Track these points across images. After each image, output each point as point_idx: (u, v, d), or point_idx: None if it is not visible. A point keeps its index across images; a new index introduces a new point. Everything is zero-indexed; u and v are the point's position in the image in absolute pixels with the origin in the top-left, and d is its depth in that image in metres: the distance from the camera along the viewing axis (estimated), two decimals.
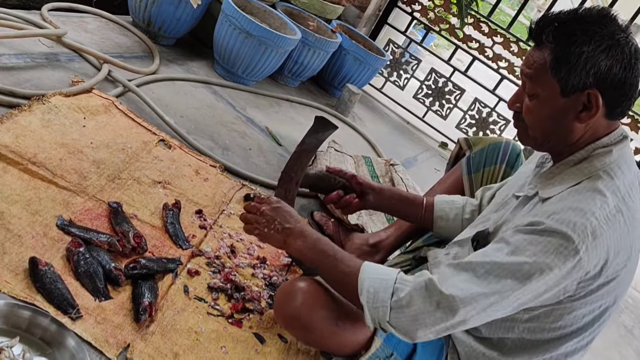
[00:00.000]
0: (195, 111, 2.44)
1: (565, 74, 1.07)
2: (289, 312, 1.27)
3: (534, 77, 1.12)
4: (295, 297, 1.26)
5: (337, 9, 3.55)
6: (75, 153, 1.73)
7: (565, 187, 1.11)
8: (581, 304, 1.12)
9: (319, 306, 1.25)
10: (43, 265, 1.29)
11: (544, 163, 1.27)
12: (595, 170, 1.10)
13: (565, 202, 1.07)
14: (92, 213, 1.57)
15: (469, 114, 3.89)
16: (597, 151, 1.12)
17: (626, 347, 2.75)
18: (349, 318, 1.26)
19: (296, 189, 1.51)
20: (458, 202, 1.59)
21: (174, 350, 1.31)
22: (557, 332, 1.16)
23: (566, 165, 1.16)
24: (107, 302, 1.33)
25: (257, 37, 2.69)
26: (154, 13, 2.69)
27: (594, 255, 1.04)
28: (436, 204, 1.59)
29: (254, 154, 2.39)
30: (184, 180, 1.93)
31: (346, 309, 1.26)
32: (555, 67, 1.08)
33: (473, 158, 1.75)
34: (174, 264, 1.53)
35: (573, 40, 1.06)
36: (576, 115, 1.10)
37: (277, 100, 3.05)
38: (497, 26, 3.74)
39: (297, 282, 1.30)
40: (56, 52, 2.22)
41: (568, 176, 1.13)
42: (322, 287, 1.28)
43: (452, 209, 1.57)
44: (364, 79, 3.57)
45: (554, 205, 1.08)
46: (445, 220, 1.57)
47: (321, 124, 1.44)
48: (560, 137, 1.14)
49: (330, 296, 1.27)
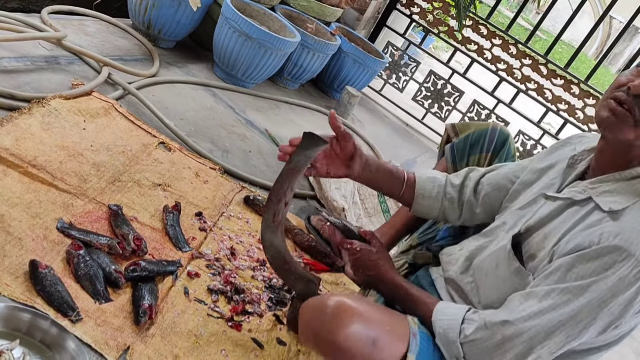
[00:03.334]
0: (195, 114, 2.44)
1: None
2: (318, 329, 1.12)
3: None
4: (324, 311, 1.11)
5: (336, 12, 3.55)
6: (75, 156, 1.73)
7: (630, 199, 1.06)
8: (631, 321, 1.09)
9: (355, 322, 1.09)
10: (43, 267, 1.29)
11: (574, 164, 1.23)
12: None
13: (635, 219, 1.03)
14: (92, 215, 1.57)
15: (467, 115, 3.89)
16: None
17: (625, 348, 2.75)
18: (387, 337, 1.12)
19: (286, 211, 1.42)
20: (440, 179, 1.50)
21: (174, 352, 1.32)
22: (592, 345, 1.12)
23: (625, 177, 1.10)
24: (107, 304, 1.33)
25: (256, 40, 2.70)
26: (154, 16, 2.70)
27: None
28: (418, 181, 1.49)
29: (254, 157, 2.40)
30: (184, 182, 1.93)
31: (383, 326, 1.13)
32: None
33: (457, 145, 1.67)
34: (174, 266, 1.53)
35: None
36: None
37: (276, 103, 3.06)
38: (496, 28, 3.74)
39: (325, 297, 1.16)
40: (56, 55, 2.22)
41: (630, 188, 1.08)
42: (354, 301, 1.13)
43: (434, 187, 1.48)
44: (363, 81, 3.57)
45: (622, 223, 1.03)
46: (427, 198, 1.48)
47: (310, 140, 1.31)
48: None
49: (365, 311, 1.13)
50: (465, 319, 1.14)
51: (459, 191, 1.47)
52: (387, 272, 1.36)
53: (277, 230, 1.39)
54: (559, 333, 1.03)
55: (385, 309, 1.23)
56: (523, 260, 1.18)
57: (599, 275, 1.00)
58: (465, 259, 1.33)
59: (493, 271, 1.23)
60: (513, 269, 1.18)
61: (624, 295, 1.00)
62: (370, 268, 1.37)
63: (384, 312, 1.19)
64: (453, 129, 1.74)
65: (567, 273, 1.04)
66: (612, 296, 1.00)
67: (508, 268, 1.19)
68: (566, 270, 1.04)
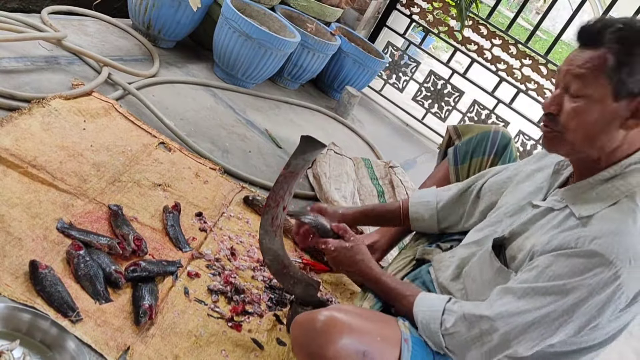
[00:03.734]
0: (195, 114, 2.44)
1: (624, 77, 1.04)
2: (308, 345, 1.12)
3: (585, 77, 1.07)
4: (314, 327, 1.12)
5: (336, 12, 3.55)
6: (75, 156, 1.73)
7: (602, 205, 1.09)
8: (610, 323, 1.10)
9: (344, 336, 1.10)
10: (43, 268, 1.29)
11: (560, 170, 1.25)
12: (632, 188, 1.08)
13: (607, 224, 1.05)
14: (93, 216, 1.57)
15: (468, 115, 3.90)
16: (630, 167, 1.10)
17: (625, 347, 2.75)
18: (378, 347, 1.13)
19: (284, 215, 1.43)
20: (431, 201, 1.60)
21: (174, 352, 1.32)
22: (580, 345, 1.14)
23: (597, 181, 1.12)
24: (107, 304, 1.33)
25: (256, 40, 2.70)
26: (154, 16, 2.70)
27: (633, 281, 1.03)
28: (410, 206, 1.62)
29: (254, 157, 2.40)
30: (184, 182, 1.93)
31: (374, 337, 1.14)
32: (614, 69, 1.04)
33: (460, 148, 1.71)
34: (174, 267, 1.53)
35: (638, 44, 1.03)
36: (623, 122, 1.07)
37: (276, 103, 3.06)
38: (496, 28, 3.74)
39: (314, 313, 1.16)
40: (56, 55, 2.22)
41: (604, 193, 1.10)
42: (343, 315, 1.14)
43: (426, 210, 1.60)
44: (363, 81, 3.57)
45: (595, 228, 1.06)
46: (421, 221, 1.61)
47: (308, 143, 1.31)
48: (600, 144, 1.10)
49: (355, 324, 1.13)
50: (446, 310, 1.18)
51: (455, 202, 1.56)
52: (366, 267, 1.42)
53: (275, 234, 1.40)
54: (533, 331, 1.07)
55: (376, 317, 1.25)
56: (507, 263, 1.22)
57: (575, 277, 1.04)
58: (456, 266, 1.37)
59: (479, 276, 1.27)
60: (495, 270, 1.22)
61: (600, 296, 1.03)
62: (349, 265, 1.44)
63: (375, 321, 1.20)
64: (455, 130, 1.77)
65: (546, 270, 1.08)
66: (587, 298, 1.03)
67: (491, 269, 1.23)
68: (545, 268, 1.08)
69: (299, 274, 1.42)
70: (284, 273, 1.41)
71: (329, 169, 2.38)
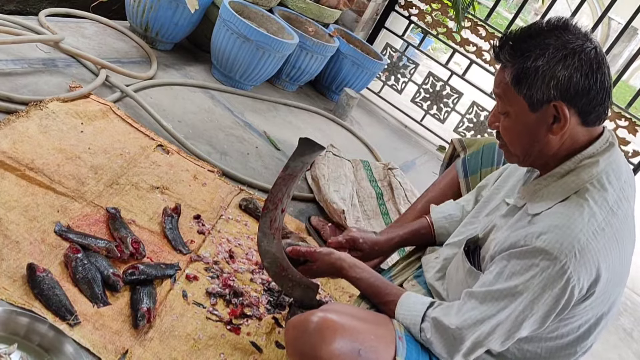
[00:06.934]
0: (193, 116, 2.44)
1: (527, 90, 1.09)
2: (302, 347, 1.12)
3: (502, 96, 1.14)
4: (307, 329, 1.12)
5: (335, 13, 3.55)
6: (73, 159, 1.73)
7: (553, 202, 1.12)
8: (575, 316, 1.13)
9: (338, 337, 1.10)
10: (41, 271, 1.29)
11: (531, 169, 1.27)
12: (583, 184, 1.11)
13: (553, 220, 1.08)
14: (90, 219, 1.57)
15: (466, 117, 3.90)
16: (583, 162, 1.12)
17: (626, 350, 2.75)
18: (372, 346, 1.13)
19: (283, 217, 1.42)
20: (456, 215, 1.59)
21: (173, 356, 1.31)
22: (554, 341, 1.17)
23: (553, 177, 1.15)
24: (105, 308, 1.33)
25: (254, 42, 2.70)
26: (152, 18, 2.69)
27: (583, 272, 1.05)
28: (435, 222, 1.60)
29: (252, 159, 2.39)
30: (182, 185, 1.93)
31: (368, 336, 1.14)
32: (516, 85, 1.10)
33: (469, 160, 1.75)
34: (173, 270, 1.52)
35: (527, 56, 1.07)
36: (549, 127, 1.11)
37: (275, 105, 3.05)
38: (495, 29, 3.75)
39: (308, 315, 1.16)
40: (54, 57, 2.22)
41: (555, 189, 1.13)
42: (336, 315, 1.15)
43: (451, 224, 1.58)
44: (361, 82, 3.57)
45: (542, 224, 1.09)
46: (447, 235, 1.57)
47: (306, 145, 1.31)
48: (539, 151, 1.14)
49: (348, 324, 1.14)
50: (425, 317, 1.20)
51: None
52: (348, 271, 1.37)
53: (273, 237, 1.39)
54: (500, 330, 1.11)
55: (370, 316, 1.24)
56: (479, 263, 1.25)
57: (526, 276, 1.07)
58: (440, 267, 1.40)
59: (455, 276, 1.31)
60: (466, 270, 1.25)
61: (552, 291, 1.06)
62: (332, 273, 1.42)
63: (369, 320, 1.20)
64: (460, 143, 1.82)
65: (502, 272, 1.11)
66: (541, 294, 1.06)
67: (463, 269, 1.26)
68: (502, 269, 1.11)
69: (297, 277, 1.42)
70: (282, 276, 1.41)
71: (327, 171, 2.38)
